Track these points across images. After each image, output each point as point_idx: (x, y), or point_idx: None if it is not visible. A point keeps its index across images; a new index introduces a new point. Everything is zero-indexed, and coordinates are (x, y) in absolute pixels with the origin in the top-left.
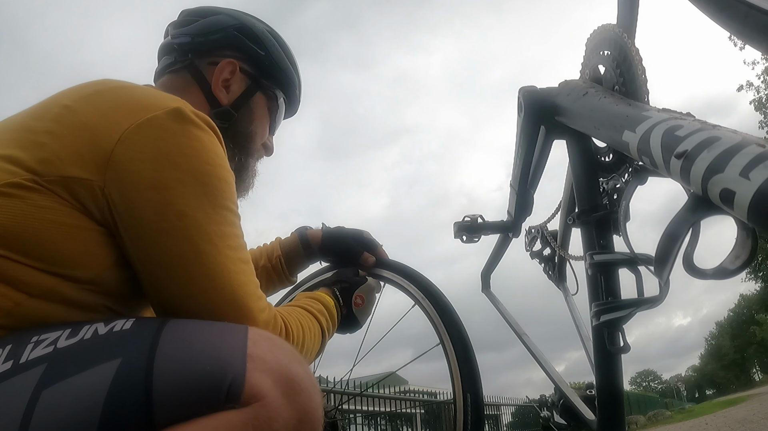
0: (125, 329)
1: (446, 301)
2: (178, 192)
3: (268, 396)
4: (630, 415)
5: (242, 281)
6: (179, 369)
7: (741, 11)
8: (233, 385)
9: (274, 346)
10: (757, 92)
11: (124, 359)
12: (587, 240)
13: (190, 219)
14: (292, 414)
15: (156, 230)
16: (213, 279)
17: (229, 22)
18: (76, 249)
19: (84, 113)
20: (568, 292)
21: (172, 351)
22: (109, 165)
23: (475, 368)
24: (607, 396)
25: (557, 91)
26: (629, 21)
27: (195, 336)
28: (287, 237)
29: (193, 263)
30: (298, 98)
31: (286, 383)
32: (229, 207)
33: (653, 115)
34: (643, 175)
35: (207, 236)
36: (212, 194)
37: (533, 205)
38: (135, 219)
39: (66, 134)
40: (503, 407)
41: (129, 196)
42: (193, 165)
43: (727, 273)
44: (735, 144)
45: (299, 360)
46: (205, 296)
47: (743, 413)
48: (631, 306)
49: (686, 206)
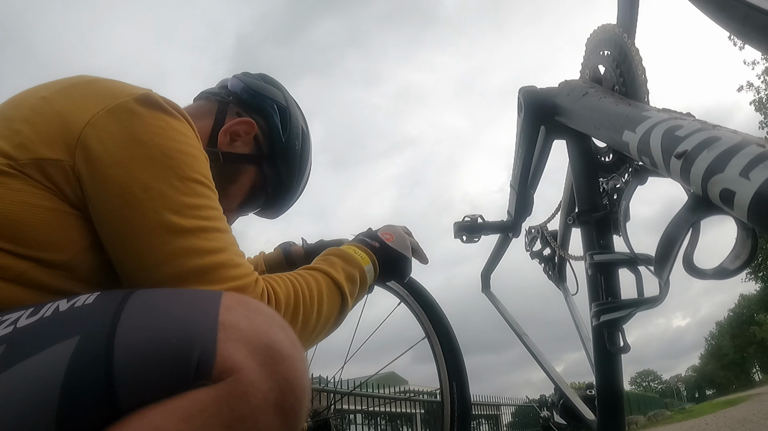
0: (87, 304)
1: (430, 296)
2: (143, 166)
3: (243, 369)
4: (630, 415)
5: (215, 247)
6: (142, 345)
7: (741, 11)
8: (203, 359)
9: (250, 311)
10: (757, 92)
11: (83, 336)
12: (587, 240)
13: (155, 191)
14: (272, 386)
15: (121, 204)
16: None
17: (278, 97)
18: (50, 231)
19: (58, 103)
20: (568, 292)
21: (135, 324)
22: (78, 145)
23: (459, 357)
24: (607, 396)
25: (557, 91)
26: (629, 21)
27: (161, 306)
28: (270, 252)
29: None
30: (283, 204)
31: (264, 352)
32: (199, 179)
33: (653, 115)
34: (643, 175)
35: (174, 207)
36: (179, 167)
37: (533, 205)
38: (102, 194)
39: (40, 121)
40: (503, 407)
41: (96, 173)
42: (158, 141)
43: (727, 273)
44: (735, 144)
45: (281, 325)
46: (175, 268)
47: (743, 413)
48: (631, 306)
49: (686, 206)
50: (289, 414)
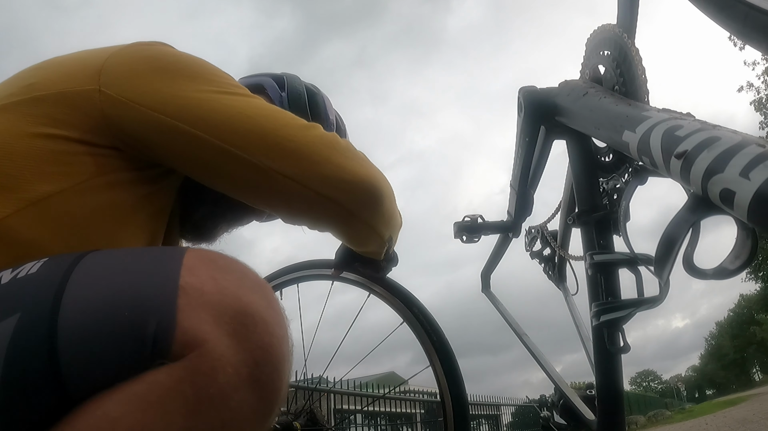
0: (31, 274)
1: (396, 283)
2: (175, 69)
3: (208, 341)
4: (630, 415)
5: (268, 108)
6: (90, 321)
7: (741, 11)
8: (160, 333)
9: (217, 270)
10: (757, 93)
11: (24, 314)
12: (587, 241)
13: (201, 80)
14: (244, 357)
15: (175, 108)
16: (247, 119)
17: (272, 73)
18: (36, 163)
19: (72, 55)
20: (568, 292)
21: (82, 296)
22: (102, 72)
23: (440, 332)
24: (607, 396)
25: (557, 91)
26: (629, 21)
27: (112, 272)
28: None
29: (216, 115)
30: None
31: (232, 317)
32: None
33: (653, 115)
34: (643, 175)
35: (221, 90)
36: (206, 66)
37: (533, 204)
38: (149, 95)
39: (54, 65)
40: (503, 407)
41: (128, 87)
42: (178, 53)
43: (727, 273)
44: (735, 144)
45: (255, 283)
46: (244, 127)
47: (743, 413)
48: (631, 306)
49: (686, 206)
50: (266, 388)
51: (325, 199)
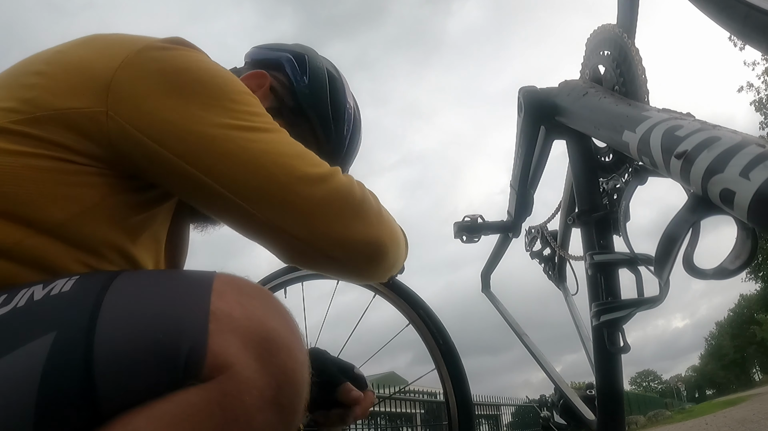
0: (64, 292)
1: (403, 285)
2: (191, 90)
3: (236, 364)
4: (630, 415)
5: (283, 152)
6: (125, 342)
7: (741, 11)
8: (192, 356)
9: (243, 296)
10: (757, 93)
11: (60, 333)
12: (587, 241)
13: (215, 108)
14: (268, 381)
15: (184, 132)
16: (259, 157)
17: (292, 47)
18: (45, 190)
19: (78, 53)
20: (568, 292)
21: (118, 317)
22: (111, 89)
23: (445, 333)
24: (607, 396)
25: (557, 91)
26: (629, 21)
27: (146, 293)
28: None
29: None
30: (337, 150)
31: (258, 343)
32: (247, 93)
33: (653, 115)
34: (643, 175)
35: (236, 123)
36: (226, 84)
37: (533, 204)
38: (152, 128)
39: (59, 72)
40: (503, 407)
41: (139, 108)
42: (198, 66)
43: (727, 273)
44: (735, 144)
45: (278, 310)
46: (254, 179)
47: (743, 413)
48: (631, 307)
49: (686, 206)
50: (287, 410)
51: (328, 258)
